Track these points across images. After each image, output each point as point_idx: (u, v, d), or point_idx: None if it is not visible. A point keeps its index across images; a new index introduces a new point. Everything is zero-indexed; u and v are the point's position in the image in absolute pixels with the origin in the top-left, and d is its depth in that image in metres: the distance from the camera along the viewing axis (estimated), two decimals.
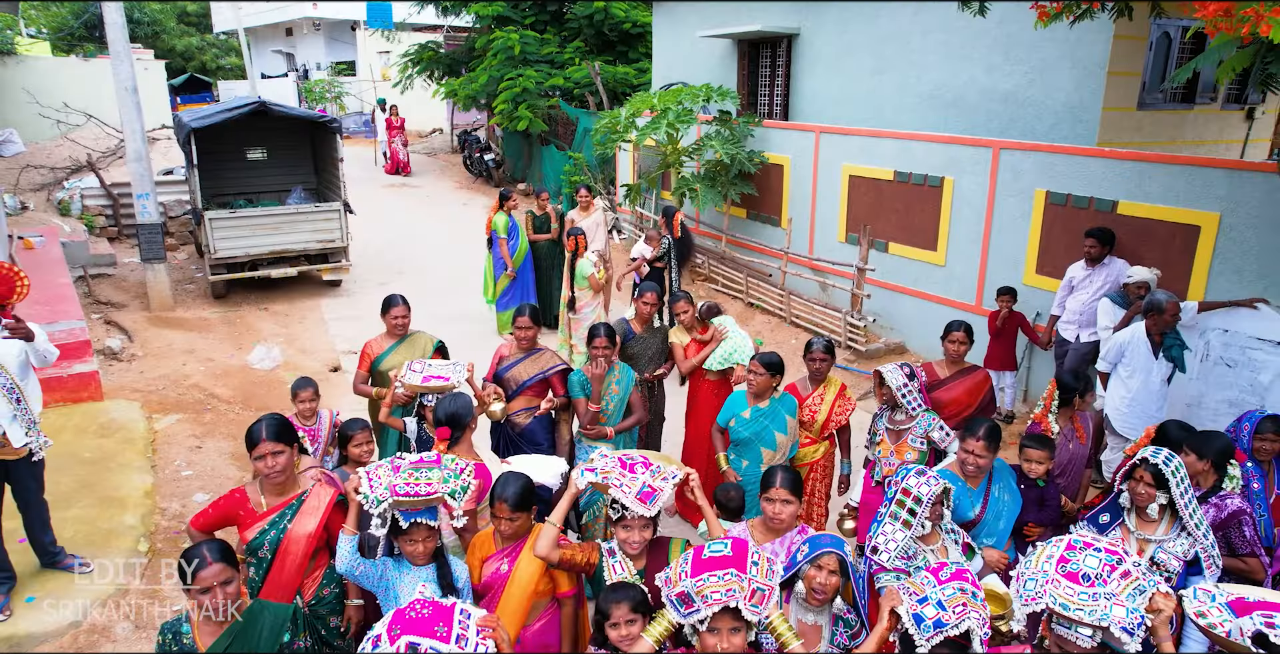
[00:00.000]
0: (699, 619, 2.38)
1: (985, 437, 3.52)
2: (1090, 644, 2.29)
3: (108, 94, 15.20)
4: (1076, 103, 7.81)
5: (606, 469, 2.98)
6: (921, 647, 2.29)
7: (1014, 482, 3.74)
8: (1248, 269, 5.94)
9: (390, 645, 1.99)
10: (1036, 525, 3.75)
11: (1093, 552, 2.35)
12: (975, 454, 3.53)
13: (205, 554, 2.60)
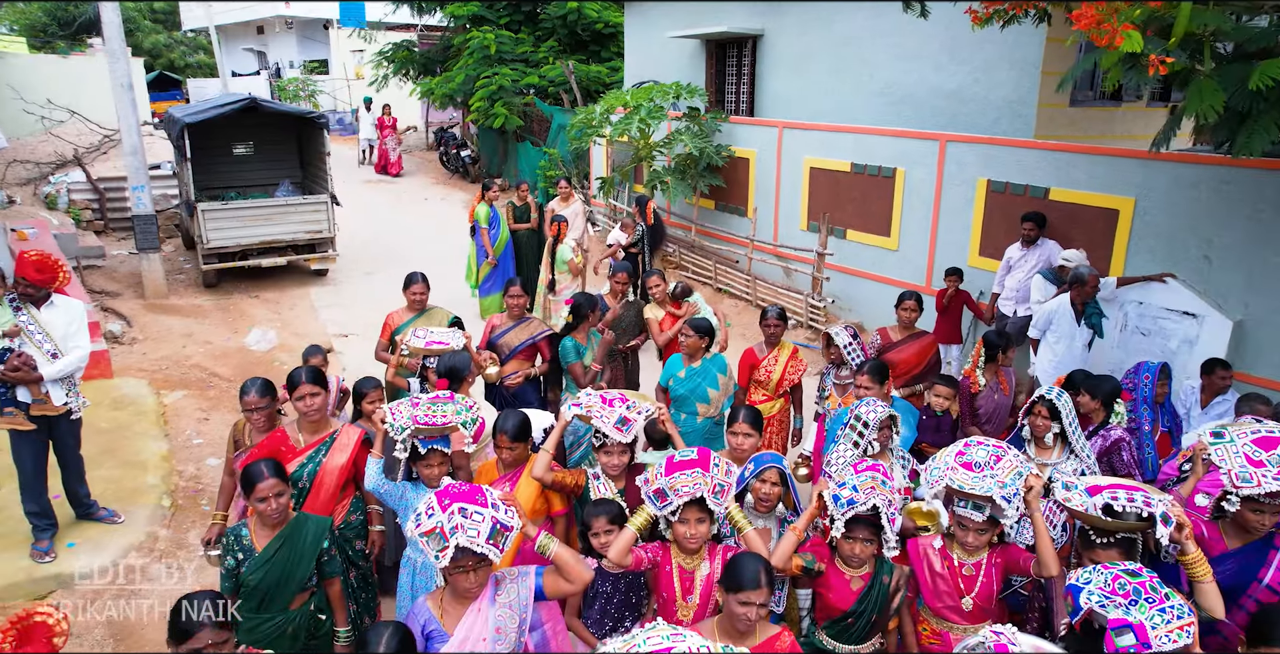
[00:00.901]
0: (671, 510, 2.96)
1: (870, 372, 4.28)
2: (980, 517, 2.91)
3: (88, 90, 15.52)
4: (1015, 99, 8.50)
5: (589, 404, 3.55)
6: (838, 519, 2.89)
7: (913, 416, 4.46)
8: (1159, 248, 6.64)
9: (442, 512, 2.52)
10: (932, 445, 4.42)
11: (981, 447, 2.97)
12: (863, 386, 4.29)
13: (264, 469, 3.14)
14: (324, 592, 3.34)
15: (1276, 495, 2.98)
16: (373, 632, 2.34)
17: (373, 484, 3.49)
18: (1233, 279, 6.23)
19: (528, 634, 2.80)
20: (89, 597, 4.51)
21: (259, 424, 3.92)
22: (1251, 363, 6.11)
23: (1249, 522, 3.08)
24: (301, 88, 28.28)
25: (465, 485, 2.69)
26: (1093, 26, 3.97)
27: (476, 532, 2.50)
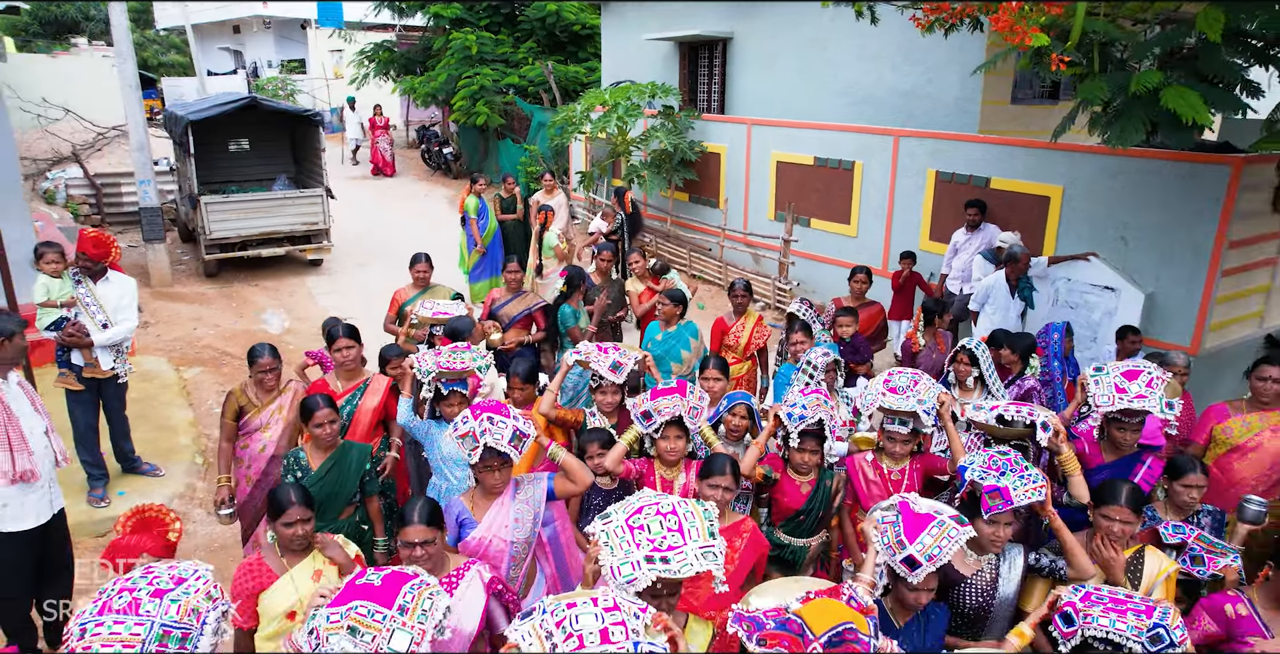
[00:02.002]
0: (655, 428, 3.66)
1: (800, 329, 5.13)
2: (905, 431, 3.64)
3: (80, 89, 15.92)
4: (962, 98, 9.29)
5: (588, 351, 4.23)
6: (793, 432, 3.60)
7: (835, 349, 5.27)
8: (1083, 230, 7.45)
9: (474, 420, 3.19)
10: (855, 363, 5.18)
11: (902, 375, 3.70)
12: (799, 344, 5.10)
13: (320, 401, 3.80)
14: (365, 507, 4.01)
15: (1134, 414, 3.75)
16: (409, 505, 3.01)
17: (404, 419, 4.16)
18: (1145, 257, 7.04)
19: (541, 527, 3.49)
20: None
21: (268, 384, 4.43)
22: (1161, 330, 6.93)
23: (1116, 438, 3.85)
24: (280, 87, 28.63)
25: (493, 401, 3.38)
26: (1007, 28, 4.73)
27: (501, 435, 3.18)
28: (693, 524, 2.60)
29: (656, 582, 2.47)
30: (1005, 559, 3.12)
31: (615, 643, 2.04)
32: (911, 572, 2.67)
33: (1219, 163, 6.46)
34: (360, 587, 2.21)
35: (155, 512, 3.19)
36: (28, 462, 3.66)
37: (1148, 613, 2.45)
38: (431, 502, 3.01)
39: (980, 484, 2.99)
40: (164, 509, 3.18)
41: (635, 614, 2.15)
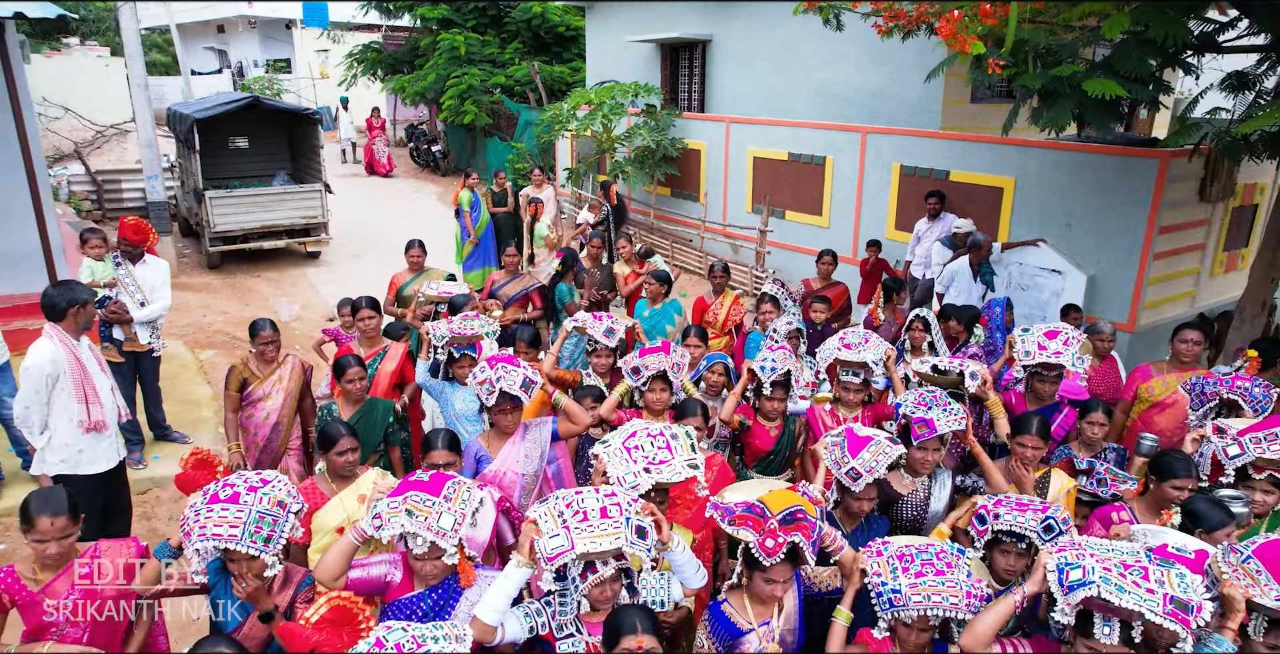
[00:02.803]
0: (643, 381, 4.25)
1: (769, 301, 5.72)
2: (857, 381, 4.25)
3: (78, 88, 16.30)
4: (925, 97, 9.94)
5: (584, 319, 4.82)
6: (765, 382, 4.20)
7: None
8: (1033, 218, 8.12)
9: (490, 369, 3.76)
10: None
11: (855, 334, 4.32)
12: (767, 313, 5.70)
13: (351, 360, 4.36)
14: (388, 456, 4.57)
15: (1052, 368, 4.38)
16: (432, 433, 3.58)
17: (422, 379, 4.73)
18: (1087, 242, 7.72)
19: (546, 464, 4.07)
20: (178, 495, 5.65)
21: (269, 356, 4.90)
22: (1102, 308, 7.61)
23: (1037, 389, 4.48)
24: (267, 87, 28.96)
25: (506, 354, 3.96)
26: (950, 36, 5.36)
27: (513, 381, 3.76)
28: (678, 443, 3.21)
29: (652, 489, 3.07)
30: (936, 481, 3.75)
31: (611, 518, 2.63)
32: (854, 482, 3.29)
33: (1148, 156, 7.14)
34: (413, 482, 2.80)
35: (207, 454, 3.76)
36: (100, 413, 4.21)
37: (1043, 510, 3.07)
38: (451, 432, 3.60)
39: (911, 416, 3.61)
40: (212, 454, 3.75)
41: (628, 502, 2.74)
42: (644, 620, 2.51)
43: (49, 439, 4.19)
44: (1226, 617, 2.61)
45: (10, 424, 5.23)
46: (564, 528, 2.62)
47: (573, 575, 2.66)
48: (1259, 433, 3.54)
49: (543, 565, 2.58)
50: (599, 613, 2.76)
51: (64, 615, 2.75)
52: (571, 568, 2.65)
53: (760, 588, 2.84)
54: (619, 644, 2.45)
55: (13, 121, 6.64)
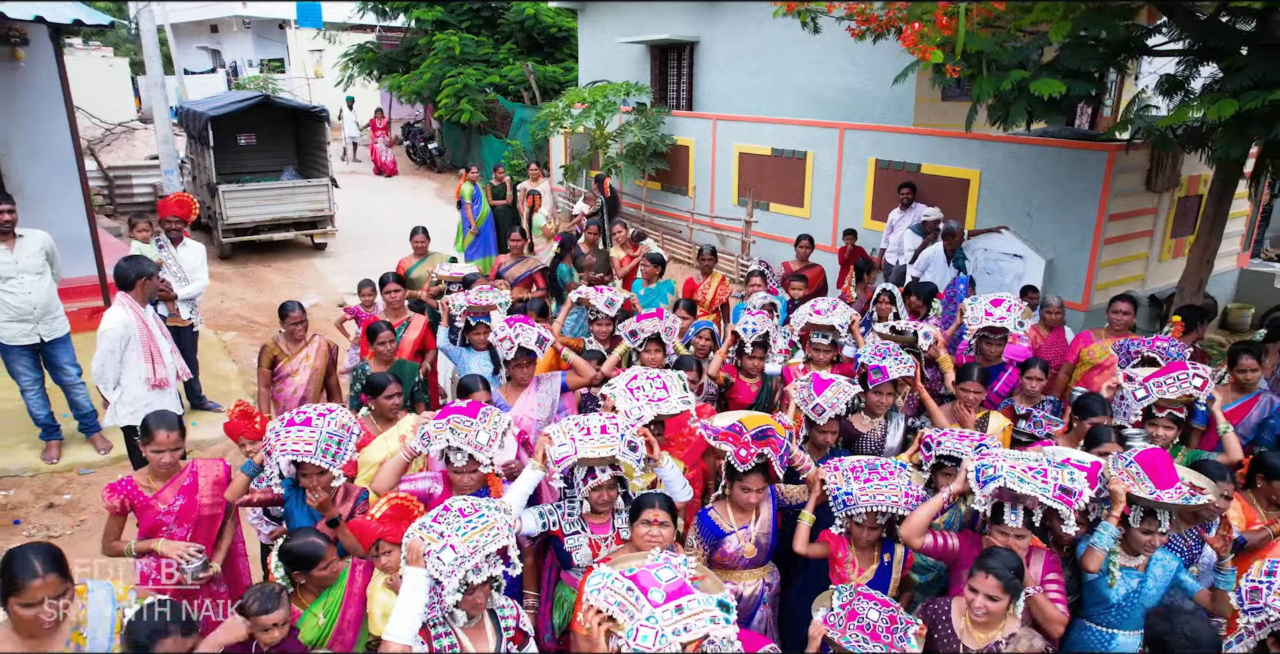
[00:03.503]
0: (639, 343, 4.86)
1: (758, 274, 6.29)
2: (826, 342, 4.88)
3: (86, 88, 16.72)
4: (899, 95, 10.59)
5: (587, 292, 5.43)
6: (747, 342, 4.82)
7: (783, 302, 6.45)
8: (997, 207, 8.78)
9: (509, 328, 4.37)
10: None
11: (825, 301, 4.95)
12: (755, 286, 6.28)
13: (383, 325, 4.96)
14: (414, 411, 5.17)
15: (997, 331, 5.03)
16: (469, 378, 4.19)
17: (442, 344, 5.33)
18: (1045, 229, 8.39)
19: (556, 413, 4.68)
20: (216, 454, 6.23)
21: (297, 335, 5.46)
22: (1059, 290, 8.25)
23: (985, 350, 5.13)
24: (262, 86, 29.40)
25: (521, 317, 4.58)
26: (912, 45, 6.01)
27: (529, 338, 4.38)
28: (673, 383, 3.84)
29: (651, 422, 3.69)
30: (892, 422, 4.39)
31: (609, 434, 3.25)
32: (819, 416, 3.92)
33: (1098, 149, 7.80)
34: (454, 408, 3.40)
35: (248, 407, 4.34)
36: (164, 372, 4.80)
37: (978, 439, 3.70)
38: (484, 377, 4.21)
39: (868, 365, 4.25)
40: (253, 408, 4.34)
41: (626, 425, 3.36)
42: (663, 501, 3.13)
43: (120, 394, 4.77)
44: (1111, 508, 3.25)
45: (71, 390, 5.81)
46: (570, 439, 3.24)
47: (576, 481, 3.29)
48: (1160, 378, 4.19)
49: (551, 467, 3.20)
50: (600, 515, 3.39)
51: (172, 517, 3.35)
52: (576, 473, 3.28)
53: (739, 496, 3.46)
54: (640, 516, 3.07)
55: (66, 122, 7.20)
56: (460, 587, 2.53)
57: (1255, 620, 2.71)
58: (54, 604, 2.37)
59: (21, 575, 2.32)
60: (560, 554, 3.45)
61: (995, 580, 2.73)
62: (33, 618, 2.33)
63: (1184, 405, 4.18)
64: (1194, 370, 4.12)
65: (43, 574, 2.34)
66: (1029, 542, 3.09)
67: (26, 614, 2.36)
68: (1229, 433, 4.14)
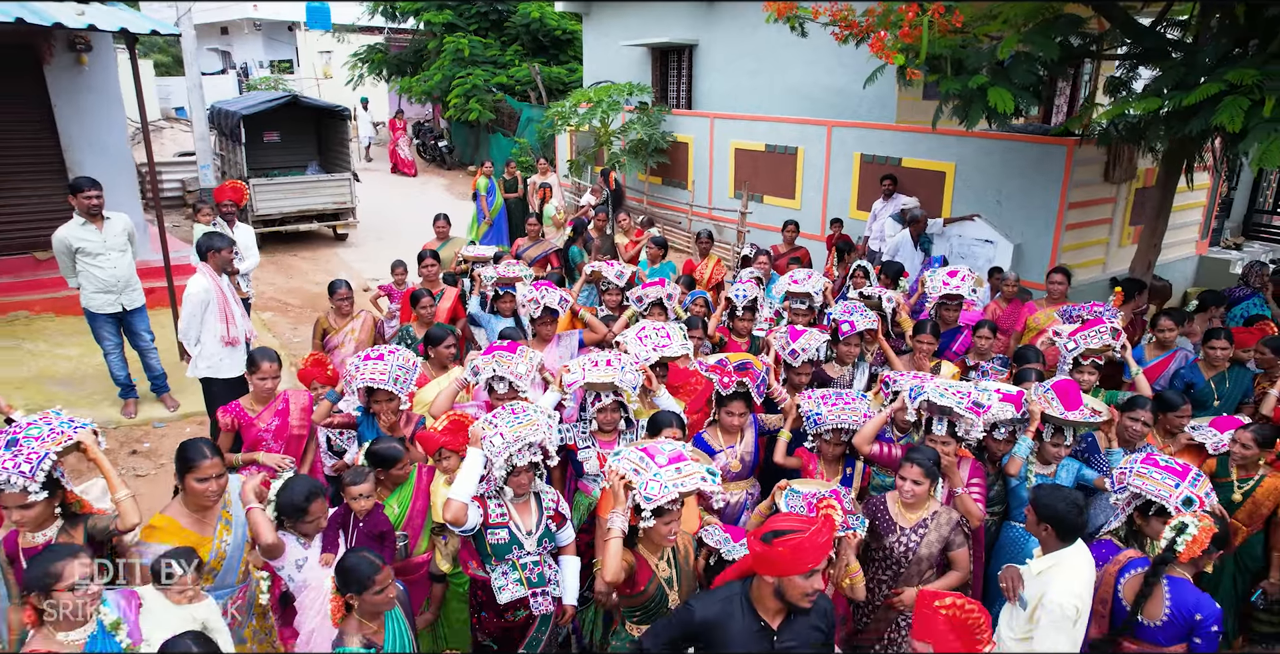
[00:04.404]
0: (644, 308, 5.66)
1: (763, 253, 7.04)
2: (803, 307, 5.68)
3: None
4: (883, 94, 11.32)
5: (599, 267, 6.24)
6: (739, 306, 5.61)
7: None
8: (970, 197, 9.57)
9: (535, 290, 5.17)
10: None
11: (801, 272, 5.76)
12: (763, 264, 7.04)
13: (425, 292, 5.77)
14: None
15: (953, 298, 5.83)
16: (509, 330, 5.01)
17: (474, 310, 6.15)
18: (1014, 216, 9.19)
19: None
20: None
21: (344, 310, 6.26)
22: (1025, 272, 9.04)
23: (944, 315, 5.93)
24: (272, 86, 30.20)
25: (546, 282, 5.39)
26: (879, 50, 6.81)
27: (552, 299, 5.19)
28: (675, 333, 4.65)
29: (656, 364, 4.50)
30: (858, 369, 5.20)
31: (613, 366, 4.05)
32: (794, 359, 4.73)
33: (1058, 143, 8.60)
34: (497, 345, 4.21)
35: (321, 356, 5.15)
36: (235, 332, 5.60)
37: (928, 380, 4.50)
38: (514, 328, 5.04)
39: (838, 320, 5.06)
40: (325, 357, 5.15)
41: (630, 361, 4.17)
42: (677, 421, 3.94)
43: (200, 349, 5.58)
44: (1029, 425, 4.06)
45: (146, 355, 6.63)
46: (582, 369, 4.06)
47: (587, 405, 4.10)
48: (1084, 332, 4.99)
49: (565, 390, 4.02)
50: (607, 434, 4.19)
51: (269, 434, 4.16)
52: (587, 398, 4.09)
53: (725, 419, 4.27)
54: (659, 434, 3.87)
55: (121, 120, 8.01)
56: (506, 467, 3.34)
57: (1122, 497, 3.51)
58: (218, 481, 3.18)
59: (195, 457, 3.13)
60: (575, 465, 4.26)
61: (918, 468, 3.53)
62: (203, 491, 3.14)
63: (1104, 355, 4.99)
64: (1110, 324, 4.93)
65: (210, 456, 3.15)
66: (954, 448, 3.89)
67: (199, 488, 3.13)
68: (1140, 375, 4.95)
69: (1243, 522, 4.23)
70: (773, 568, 2.62)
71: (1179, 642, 2.97)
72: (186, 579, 2.75)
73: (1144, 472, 3.47)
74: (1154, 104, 5.90)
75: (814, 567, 2.59)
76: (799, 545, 2.55)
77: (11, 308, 8.16)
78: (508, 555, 3.44)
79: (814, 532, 2.59)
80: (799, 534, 2.57)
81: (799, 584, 2.60)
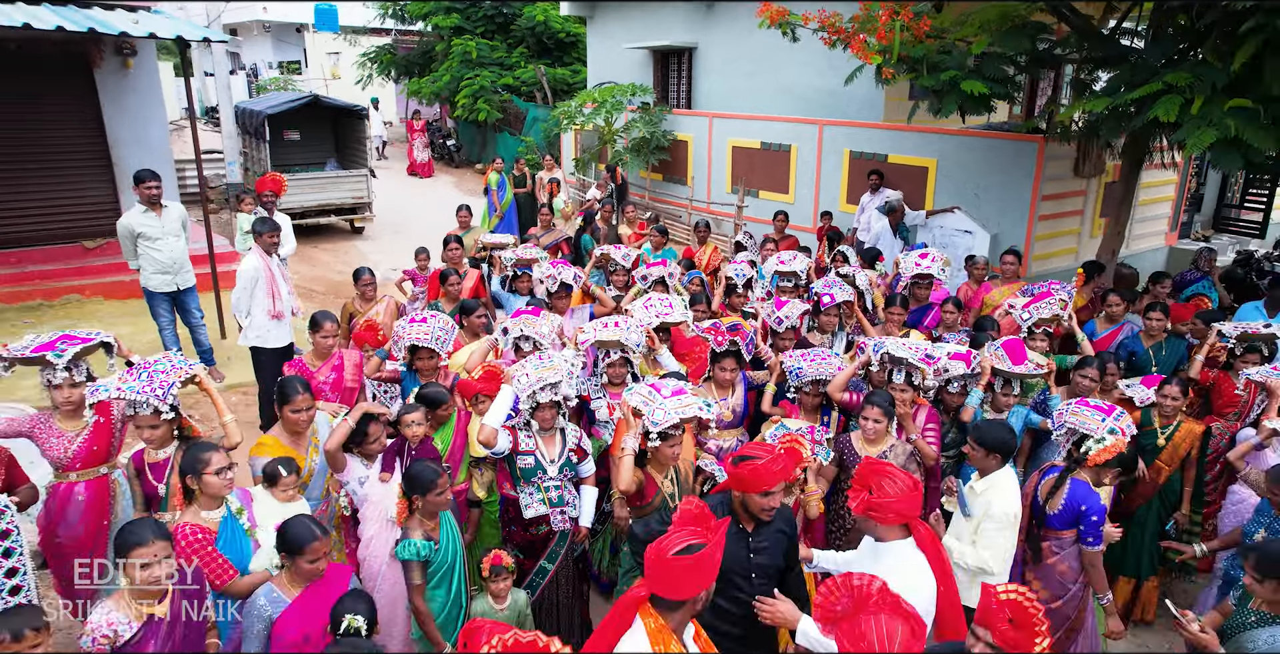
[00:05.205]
0: (648, 286, 6.34)
1: (771, 241, 7.70)
2: (790, 285, 6.36)
3: None
4: (871, 94, 12.01)
5: (608, 248, 6.93)
6: (738, 284, 6.29)
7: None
8: (951, 190, 10.26)
9: (553, 267, 5.86)
10: None
11: (788, 253, 6.44)
12: (769, 250, 7.70)
13: (452, 272, 6.45)
14: None
15: (925, 277, 6.51)
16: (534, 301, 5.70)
17: (495, 289, 6.83)
18: (991, 208, 9.87)
19: None
20: None
21: (369, 295, 6.93)
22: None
23: (917, 294, 6.61)
24: (282, 88, 30.88)
25: (562, 261, 6.08)
26: (859, 51, 7.50)
27: (568, 275, 5.88)
28: (677, 303, 5.34)
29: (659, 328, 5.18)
30: (837, 338, 5.88)
31: (620, 326, 4.73)
32: (779, 325, 5.41)
33: (1030, 140, 9.29)
34: (521, 311, 4.90)
35: (373, 322, 5.83)
36: (281, 306, 6.29)
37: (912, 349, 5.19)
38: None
39: (819, 293, 5.75)
40: (377, 322, 5.83)
41: (636, 325, 4.85)
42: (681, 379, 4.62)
43: (250, 321, 6.27)
44: (980, 378, 4.74)
45: (196, 331, 7.32)
46: (593, 330, 4.75)
47: (599, 360, 4.79)
48: (1035, 303, 5.67)
49: (577, 348, 4.72)
50: (616, 386, 4.86)
51: (327, 386, 4.85)
52: (599, 354, 4.78)
53: (718, 374, 4.95)
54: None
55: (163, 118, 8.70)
56: (532, 402, 4.03)
57: (1061, 434, 4.19)
58: (307, 413, 3.87)
59: (291, 392, 3.84)
60: (589, 414, 4.95)
61: (877, 408, 4.21)
62: (296, 419, 3.85)
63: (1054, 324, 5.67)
64: (1058, 296, 5.62)
65: (302, 392, 3.86)
66: (911, 396, 4.56)
67: (293, 417, 3.87)
68: (1085, 341, 5.64)
69: (1165, 462, 4.91)
70: (739, 485, 3.22)
71: (1070, 527, 3.67)
72: (290, 480, 3.44)
73: (1077, 410, 4.16)
74: (1103, 102, 6.59)
75: (768, 489, 3.16)
76: (755, 470, 3.13)
77: (64, 292, 8.86)
78: (533, 479, 4.13)
79: (769, 460, 3.16)
80: (757, 461, 3.17)
81: (757, 500, 3.19)
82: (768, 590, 3.19)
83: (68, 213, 9.13)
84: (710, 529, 2.39)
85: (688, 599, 2.40)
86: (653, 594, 2.37)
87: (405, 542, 3.47)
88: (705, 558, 2.35)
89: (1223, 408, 5.49)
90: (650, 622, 2.35)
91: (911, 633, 2.17)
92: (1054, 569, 3.78)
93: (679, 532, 2.33)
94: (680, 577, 2.35)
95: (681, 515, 2.43)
